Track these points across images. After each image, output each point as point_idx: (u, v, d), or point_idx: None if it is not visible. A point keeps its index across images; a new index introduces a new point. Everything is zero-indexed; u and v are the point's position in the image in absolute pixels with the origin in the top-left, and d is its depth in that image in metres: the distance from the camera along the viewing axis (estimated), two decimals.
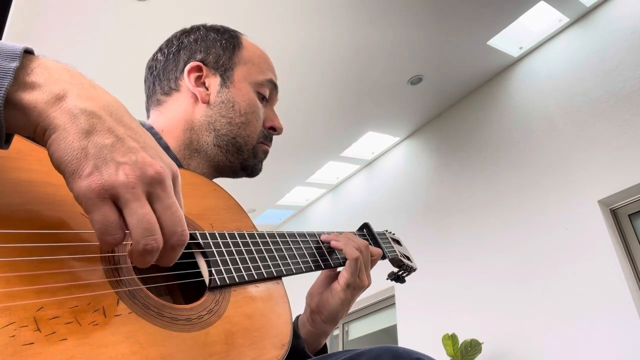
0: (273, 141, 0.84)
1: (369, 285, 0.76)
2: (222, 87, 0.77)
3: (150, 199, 0.38)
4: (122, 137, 0.38)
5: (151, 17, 2.59)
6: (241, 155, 0.78)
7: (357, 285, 0.74)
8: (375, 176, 4.27)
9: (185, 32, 0.81)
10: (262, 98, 0.80)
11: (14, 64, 0.35)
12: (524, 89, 3.14)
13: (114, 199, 0.36)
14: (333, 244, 0.74)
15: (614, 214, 2.52)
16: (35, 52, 0.39)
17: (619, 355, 2.16)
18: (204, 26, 0.82)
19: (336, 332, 4.15)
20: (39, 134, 0.37)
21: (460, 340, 2.61)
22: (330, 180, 4.61)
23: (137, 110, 0.82)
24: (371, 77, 3.25)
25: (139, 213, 0.37)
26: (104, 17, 2.56)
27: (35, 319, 0.35)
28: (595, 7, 2.85)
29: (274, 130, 0.82)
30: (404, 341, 3.28)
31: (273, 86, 0.81)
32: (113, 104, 0.40)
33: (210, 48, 0.79)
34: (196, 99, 0.76)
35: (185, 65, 0.77)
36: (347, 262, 0.73)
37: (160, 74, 0.80)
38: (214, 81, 0.77)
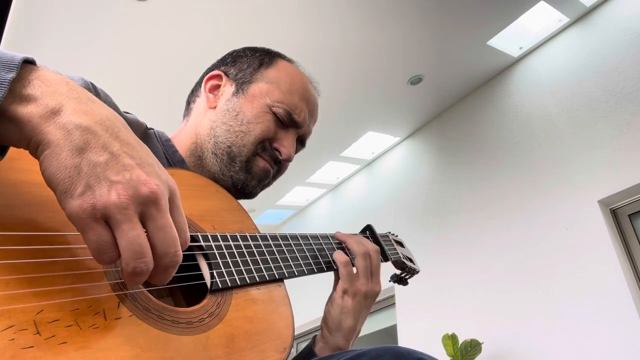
0: None
1: (377, 290, 0.73)
2: (232, 96, 0.76)
3: (144, 219, 0.37)
4: (116, 153, 0.37)
5: (151, 17, 2.58)
6: (232, 167, 0.73)
7: (356, 291, 0.71)
8: (375, 176, 4.26)
9: (230, 51, 0.84)
10: (277, 119, 0.75)
11: (10, 75, 0.35)
12: (524, 89, 3.14)
13: (106, 218, 0.35)
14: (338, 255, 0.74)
15: (614, 214, 2.52)
16: (37, 63, 0.38)
17: (619, 355, 2.16)
18: (248, 47, 0.83)
19: None
20: (32, 148, 0.36)
21: (460, 340, 2.61)
22: (330, 180, 4.61)
23: (138, 110, 0.82)
24: (371, 77, 3.25)
25: (130, 235, 0.36)
26: (104, 17, 2.55)
27: (35, 322, 0.35)
28: (595, 7, 2.85)
29: (279, 153, 0.75)
30: (404, 341, 3.28)
31: (290, 119, 0.75)
32: (110, 118, 0.38)
33: (237, 62, 0.79)
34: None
35: None
36: (338, 268, 0.72)
37: (195, 86, 0.83)
38: (228, 90, 0.77)
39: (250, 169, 0.74)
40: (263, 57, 0.79)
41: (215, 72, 0.78)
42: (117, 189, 0.35)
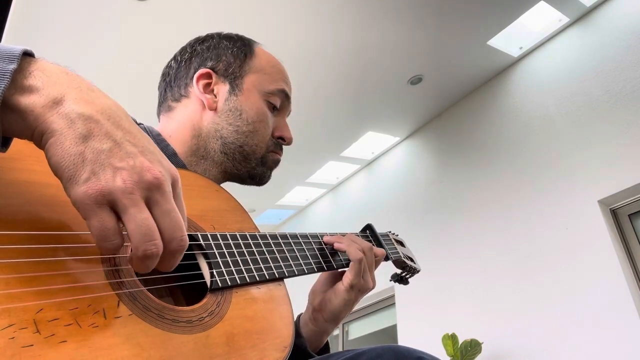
0: None
1: (373, 287, 0.76)
2: (230, 95, 0.77)
3: (149, 205, 0.38)
4: (120, 141, 0.37)
5: (151, 17, 2.59)
6: (248, 164, 0.77)
7: (361, 287, 0.74)
8: (375, 176, 4.26)
9: (199, 40, 0.82)
10: (272, 107, 0.79)
11: (12, 66, 0.35)
12: (524, 89, 3.14)
13: (112, 204, 0.36)
14: (336, 245, 0.74)
15: (614, 214, 2.52)
16: (36, 55, 0.39)
17: (619, 355, 2.16)
18: (218, 34, 0.82)
19: (336, 332, 4.14)
20: (36, 138, 0.36)
21: (460, 340, 2.61)
22: (330, 180, 4.61)
23: (139, 110, 0.82)
24: (371, 77, 3.25)
25: (138, 218, 0.36)
26: (104, 17, 2.55)
27: (34, 321, 0.35)
28: (595, 7, 2.85)
29: (283, 140, 0.81)
30: (404, 341, 3.28)
31: (285, 96, 0.80)
32: (112, 107, 0.39)
33: (221, 56, 0.79)
34: (204, 105, 0.76)
35: (195, 72, 0.77)
36: (351, 263, 0.73)
37: (172, 81, 0.80)
38: (222, 89, 0.77)
39: (266, 162, 0.80)
40: (244, 48, 0.80)
41: (204, 70, 0.77)
42: (121, 174, 0.36)
